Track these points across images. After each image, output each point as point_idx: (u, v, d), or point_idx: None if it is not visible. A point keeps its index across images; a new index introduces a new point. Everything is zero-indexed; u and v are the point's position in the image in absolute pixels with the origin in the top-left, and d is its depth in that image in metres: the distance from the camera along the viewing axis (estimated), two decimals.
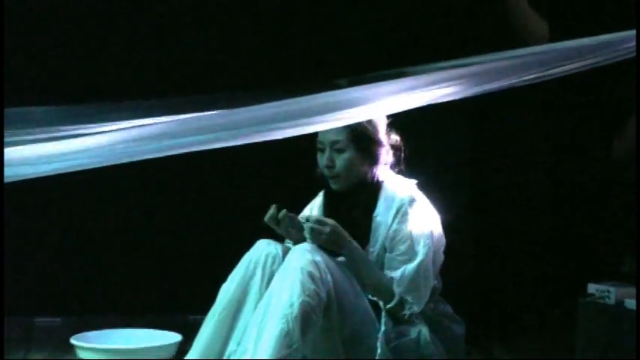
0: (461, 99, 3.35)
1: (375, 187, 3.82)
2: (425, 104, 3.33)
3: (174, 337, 4.65)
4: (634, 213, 5.06)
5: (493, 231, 5.27)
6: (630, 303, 3.54)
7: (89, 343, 4.56)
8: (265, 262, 3.71)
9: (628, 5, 4.94)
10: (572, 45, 3.63)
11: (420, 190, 3.84)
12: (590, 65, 3.52)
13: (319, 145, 3.77)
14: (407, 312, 3.64)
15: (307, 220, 3.67)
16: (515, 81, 3.43)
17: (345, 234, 3.65)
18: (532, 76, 3.48)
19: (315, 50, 5.36)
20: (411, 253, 3.67)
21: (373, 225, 3.77)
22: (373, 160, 3.78)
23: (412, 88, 3.26)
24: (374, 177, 3.82)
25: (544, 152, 5.38)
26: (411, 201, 3.74)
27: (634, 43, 3.57)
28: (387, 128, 3.82)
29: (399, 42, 5.19)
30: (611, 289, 3.63)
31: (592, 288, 3.72)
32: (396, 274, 3.65)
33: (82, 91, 5.11)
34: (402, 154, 3.87)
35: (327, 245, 3.63)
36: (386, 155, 3.83)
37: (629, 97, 5.16)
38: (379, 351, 3.60)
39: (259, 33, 5.41)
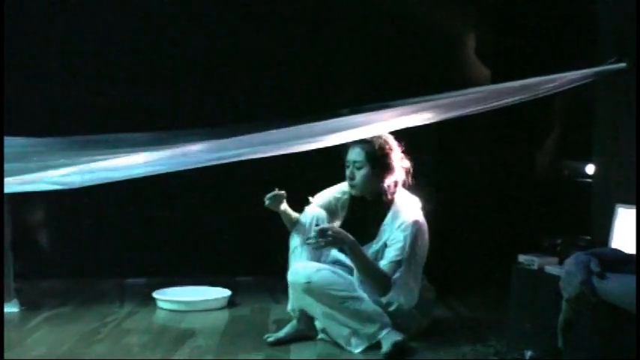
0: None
1: (388, 202, 3.80)
2: (404, 127, 3.38)
3: (225, 292, 4.70)
4: (552, 205, 5.10)
5: (452, 217, 5.27)
6: (548, 269, 3.48)
7: (166, 296, 4.64)
8: (312, 221, 3.75)
9: (547, 56, 4.98)
10: (508, 86, 3.67)
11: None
12: (521, 100, 3.56)
13: (346, 164, 3.80)
14: (405, 308, 3.67)
15: (317, 224, 3.68)
16: (468, 111, 3.46)
17: (346, 233, 3.63)
18: (480, 107, 3.50)
19: (324, 89, 5.33)
20: (400, 253, 3.67)
21: (380, 230, 3.78)
22: (383, 176, 3.77)
23: (396, 116, 3.30)
24: (387, 192, 3.80)
25: (489, 160, 5.43)
26: (413, 222, 3.73)
27: (552, 84, 3.60)
28: (401, 155, 3.82)
29: (383, 82, 5.18)
30: (535, 258, 3.56)
31: (521, 258, 3.64)
32: (394, 277, 3.65)
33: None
34: (410, 176, 3.84)
35: (334, 243, 3.63)
36: (397, 174, 3.80)
37: (547, 124, 5.23)
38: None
39: (286, 75, 5.39)
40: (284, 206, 3.83)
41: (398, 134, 3.71)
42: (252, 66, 5.41)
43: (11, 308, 4.44)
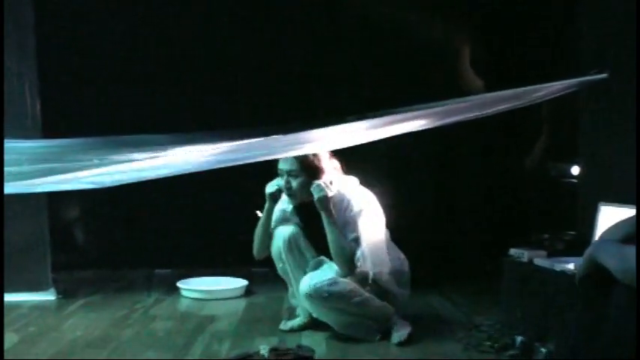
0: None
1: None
2: (404, 132, 3.35)
3: (242, 282, 4.69)
4: (540, 203, 5.08)
5: (450, 215, 5.26)
6: (537, 260, 3.47)
7: (189, 285, 4.63)
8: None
9: (536, 67, 4.97)
10: (500, 94, 3.63)
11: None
12: (511, 107, 3.52)
13: (279, 172, 3.60)
14: (379, 280, 3.52)
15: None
16: (464, 117, 3.43)
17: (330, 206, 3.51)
18: (475, 114, 3.47)
19: (331, 98, 5.29)
20: (354, 230, 3.51)
21: None
22: (317, 179, 3.56)
23: (396, 122, 3.27)
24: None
25: (483, 163, 5.40)
26: (355, 200, 3.56)
27: (540, 93, 3.57)
28: (329, 157, 3.62)
29: (387, 92, 5.17)
30: (525, 252, 3.56)
31: (512, 251, 3.65)
32: (358, 254, 3.49)
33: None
34: (341, 172, 3.65)
35: (319, 202, 3.50)
36: (328, 174, 3.59)
37: (535, 130, 5.20)
38: None
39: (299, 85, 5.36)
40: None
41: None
42: (262, 74, 5.39)
43: (48, 296, 4.44)
